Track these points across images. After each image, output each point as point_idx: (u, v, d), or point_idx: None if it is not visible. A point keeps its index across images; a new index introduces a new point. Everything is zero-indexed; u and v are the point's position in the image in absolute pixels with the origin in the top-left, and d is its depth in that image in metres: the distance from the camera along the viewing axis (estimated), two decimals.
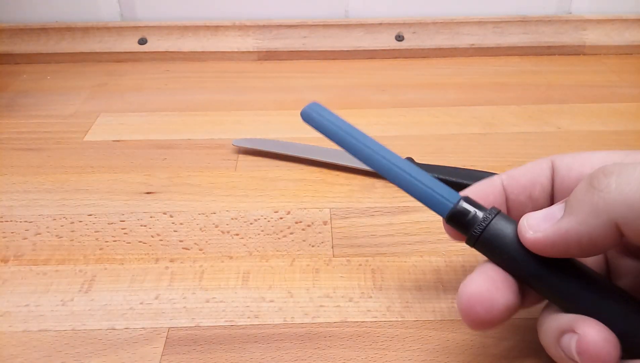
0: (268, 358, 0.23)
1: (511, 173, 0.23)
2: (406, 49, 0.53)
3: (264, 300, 0.26)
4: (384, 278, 0.28)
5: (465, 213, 0.21)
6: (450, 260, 0.29)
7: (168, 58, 0.52)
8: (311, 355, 0.24)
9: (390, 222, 0.31)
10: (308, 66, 0.52)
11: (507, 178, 0.23)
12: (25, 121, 0.43)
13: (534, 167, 0.23)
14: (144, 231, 0.31)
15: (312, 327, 0.25)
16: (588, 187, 0.18)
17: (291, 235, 0.31)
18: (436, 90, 0.47)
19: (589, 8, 0.54)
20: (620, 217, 0.17)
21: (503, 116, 0.42)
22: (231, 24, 0.53)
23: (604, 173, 0.18)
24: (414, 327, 0.25)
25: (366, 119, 0.42)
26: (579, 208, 0.18)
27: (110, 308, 0.26)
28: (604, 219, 0.17)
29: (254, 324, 0.25)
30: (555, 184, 0.22)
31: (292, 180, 0.35)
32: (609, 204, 0.17)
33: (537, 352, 0.24)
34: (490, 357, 0.23)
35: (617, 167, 0.18)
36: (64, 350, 0.24)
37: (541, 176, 0.22)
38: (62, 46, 0.52)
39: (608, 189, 0.17)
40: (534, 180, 0.23)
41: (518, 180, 0.23)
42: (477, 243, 0.20)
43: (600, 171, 0.18)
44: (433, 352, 0.24)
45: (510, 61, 0.52)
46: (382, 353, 0.24)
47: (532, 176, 0.23)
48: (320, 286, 0.27)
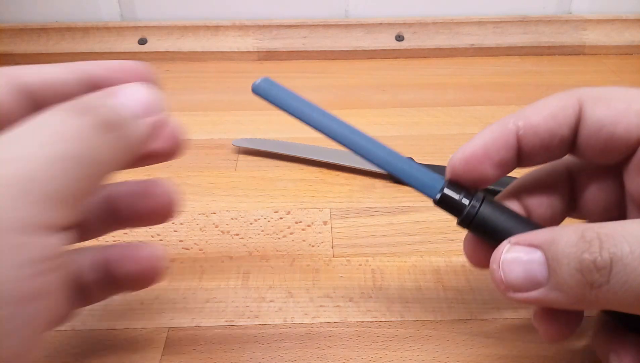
0: (268, 358, 0.23)
1: (529, 119, 0.20)
2: (406, 49, 0.53)
3: (264, 300, 0.26)
4: (384, 278, 0.28)
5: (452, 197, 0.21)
6: (450, 260, 0.29)
7: (168, 58, 0.52)
8: (311, 355, 0.24)
9: (390, 222, 0.31)
10: (308, 66, 0.52)
11: (524, 126, 0.20)
12: None
13: (557, 112, 0.20)
14: (144, 231, 0.31)
15: (312, 327, 0.25)
16: (581, 280, 0.16)
17: (291, 235, 0.31)
18: (436, 90, 0.47)
19: (589, 8, 0.54)
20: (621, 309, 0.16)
21: (503, 116, 0.42)
22: (231, 24, 0.53)
23: (597, 267, 0.16)
24: (414, 327, 0.25)
25: (366, 119, 0.42)
26: (570, 292, 0.17)
27: (110, 308, 0.26)
28: (600, 307, 0.17)
29: (254, 324, 0.25)
30: (579, 138, 0.20)
31: (292, 180, 0.35)
32: (610, 301, 0.16)
33: (537, 351, 0.24)
34: (490, 357, 0.23)
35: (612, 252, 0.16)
36: (64, 350, 0.24)
37: (563, 127, 0.19)
38: (62, 46, 0.52)
39: (607, 288, 0.16)
40: (554, 131, 0.20)
41: (536, 130, 0.20)
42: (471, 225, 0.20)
43: (591, 263, 0.16)
44: (433, 352, 0.24)
45: (510, 61, 0.52)
46: (382, 353, 0.24)
47: (554, 125, 0.20)
48: (320, 286, 0.27)
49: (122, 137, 0.18)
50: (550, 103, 0.20)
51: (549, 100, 0.20)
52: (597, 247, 0.16)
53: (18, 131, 0.16)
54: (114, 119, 0.17)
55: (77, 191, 0.16)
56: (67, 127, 0.16)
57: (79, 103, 0.17)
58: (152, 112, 0.19)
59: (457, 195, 0.21)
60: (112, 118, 0.17)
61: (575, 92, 0.20)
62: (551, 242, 0.17)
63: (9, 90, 0.19)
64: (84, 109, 0.17)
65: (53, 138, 0.15)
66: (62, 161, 0.15)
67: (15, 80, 0.19)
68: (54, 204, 0.15)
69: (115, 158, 0.17)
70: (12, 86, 0.19)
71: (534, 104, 0.20)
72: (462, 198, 0.20)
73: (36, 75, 0.19)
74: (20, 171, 0.14)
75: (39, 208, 0.14)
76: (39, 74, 0.19)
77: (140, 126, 0.18)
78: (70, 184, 0.16)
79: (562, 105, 0.20)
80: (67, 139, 0.16)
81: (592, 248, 0.16)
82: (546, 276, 0.17)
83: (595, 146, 0.19)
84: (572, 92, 0.20)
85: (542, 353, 0.24)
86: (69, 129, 0.16)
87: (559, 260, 0.17)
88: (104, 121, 0.17)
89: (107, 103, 0.18)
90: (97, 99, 0.18)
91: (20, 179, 0.14)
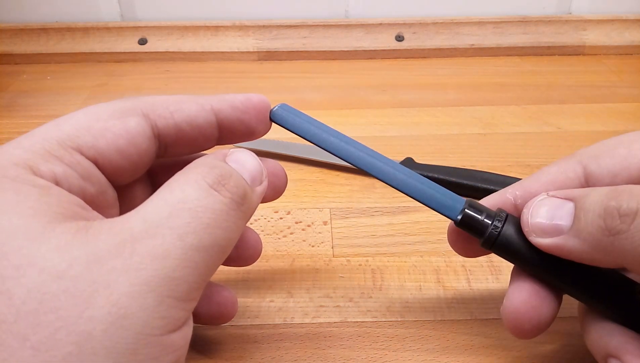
0: (268, 358, 0.23)
1: (527, 188, 0.20)
2: (406, 49, 0.53)
3: (264, 300, 0.26)
4: (384, 278, 0.28)
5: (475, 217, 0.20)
6: (450, 260, 0.29)
7: (168, 58, 0.52)
8: (311, 355, 0.24)
9: (390, 222, 0.31)
10: (308, 66, 0.52)
11: (522, 195, 0.20)
12: (25, 121, 0.43)
13: (556, 178, 0.20)
14: None
15: (312, 327, 0.25)
16: (601, 225, 0.16)
17: (291, 235, 0.31)
18: (436, 90, 0.47)
19: (589, 8, 0.54)
20: (633, 264, 0.16)
21: (503, 116, 0.42)
22: (231, 24, 0.53)
23: (620, 214, 0.16)
24: (414, 327, 0.25)
25: (366, 119, 0.42)
26: (587, 238, 0.17)
27: None
28: (614, 258, 0.16)
29: (254, 324, 0.25)
30: None
31: (292, 180, 0.35)
32: (625, 251, 0.16)
33: (538, 352, 0.24)
34: (490, 357, 0.23)
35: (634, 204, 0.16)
36: None
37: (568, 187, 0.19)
38: (62, 46, 0.52)
39: (626, 235, 0.16)
40: None
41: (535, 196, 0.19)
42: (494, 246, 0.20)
43: (615, 209, 0.16)
44: (433, 352, 0.24)
45: (510, 61, 0.52)
46: (382, 353, 0.24)
47: (557, 188, 0.19)
48: (320, 286, 0.27)
49: (248, 210, 0.18)
50: (549, 170, 0.20)
51: (549, 168, 0.20)
52: (626, 196, 0.16)
53: (152, 212, 0.15)
54: (244, 190, 0.17)
55: (208, 278, 0.16)
56: (205, 209, 0.16)
57: (209, 173, 0.17)
58: (257, 181, 0.19)
59: (479, 215, 0.20)
60: (243, 190, 0.17)
61: (573, 156, 0.20)
62: (585, 195, 0.17)
63: (143, 136, 0.18)
64: (218, 180, 0.17)
65: (192, 226, 0.15)
66: (200, 253, 0.15)
67: (150, 124, 0.18)
68: (188, 300, 0.15)
69: (241, 232, 0.17)
70: (148, 133, 0.18)
71: (534, 174, 0.20)
72: (484, 218, 0.20)
73: (169, 118, 0.19)
74: (161, 271, 0.15)
75: (176, 308, 0.15)
76: (172, 116, 0.19)
77: (256, 197, 0.18)
78: (204, 277, 0.16)
79: (562, 170, 0.20)
80: (203, 227, 0.15)
81: (620, 197, 0.16)
82: (570, 224, 0.17)
83: None
84: (570, 157, 0.20)
85: (542, 353, 0.24)
86: (207, 212, 0.16)
87: (585, 208, 0.17)
88: (239, 194, 0.17)
89: (234, 172, 0.17)
90: (222, 164, 0.17)
91: (162, 280, 0.14)
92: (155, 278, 0.14)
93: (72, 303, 0.14)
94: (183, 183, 0.16)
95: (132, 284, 0.14)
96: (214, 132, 0.20)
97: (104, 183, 0.18)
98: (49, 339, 0.13)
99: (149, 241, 0.15)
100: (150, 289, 0.14)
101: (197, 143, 0.20)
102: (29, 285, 0.14)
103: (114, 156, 0.18)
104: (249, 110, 0.20)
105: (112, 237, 0.15)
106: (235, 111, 0.20)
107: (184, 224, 0.15)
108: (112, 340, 0.14)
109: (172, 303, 0.15)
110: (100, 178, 0.18)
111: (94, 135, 0.17)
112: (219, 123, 0.20)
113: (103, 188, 0.18)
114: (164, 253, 0.15)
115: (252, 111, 0.20)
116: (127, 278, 0.14)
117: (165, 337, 0.15)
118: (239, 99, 0.20)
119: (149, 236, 0.15)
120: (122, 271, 0.14)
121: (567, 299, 0.26)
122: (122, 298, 0.14)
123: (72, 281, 0.14)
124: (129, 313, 0.14)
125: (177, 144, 0.20)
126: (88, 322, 0.13)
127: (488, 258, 0.28)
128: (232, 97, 0.20)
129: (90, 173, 0.17)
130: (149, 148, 0.19)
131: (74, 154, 0.17)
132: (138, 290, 0.14)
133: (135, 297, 0.14)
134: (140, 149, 0.18)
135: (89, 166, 0.17)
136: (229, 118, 0.20)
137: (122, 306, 0.14)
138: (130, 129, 0.18)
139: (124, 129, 0.18)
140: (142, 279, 0.14)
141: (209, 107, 0.20)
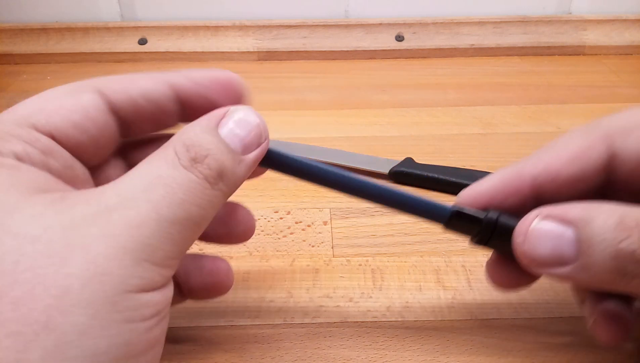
0: (268, 358, 0.23)
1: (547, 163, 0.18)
2: (406, 49, 0.53)
3: (264, 300, 0.26)
4: (384, 278, 0.28)
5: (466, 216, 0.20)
6: (450, 260, 0.29)
7: (168, 58, 0.52)
8: (311, 355, 0.24)
9: (390, 222, 0.31)
10: (308, 66, 0.52)
11: (541, 175, 0.18)
12: None
13: (579, 155, 0.18)
14: None
15: (312, 327, 0.25)
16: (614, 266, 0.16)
17: (291, 235, 0.31)
18: (436, 90, 0.47)
19: (589, 8, 0.54)
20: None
21: (503, 116, 0.42)
22: (231, 24, 0.53)
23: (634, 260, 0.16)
24: (414, 327, 0.25)
25: (366, 119, 0.42)
26: (598, 276, 0.16)
27: None
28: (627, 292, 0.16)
29: (254, 324, 0.25)
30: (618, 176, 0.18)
31: (292, 180, 0.35)
32: None
33: (538, 352, 0.24)
34: (490, 357, 0.23)
35: None
36: None
37: (590, 168, 0.18)
38: (62, 46, 0.52)
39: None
40: (577, 177, 0.18)
41: (555, 178, 0.18)
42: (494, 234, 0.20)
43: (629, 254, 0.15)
44: (433, 352, 0.24)
45: (510, 61, 0.52)
46: (382, 353, 0.24)
47: (576, 170, 0.18)
48: (320, 286, 0.27)
49: (228, 185, 0.18)
50: (570, 142, 0.18)
51: (571, 139, 0.18)
52: (637, 238, 0.15)
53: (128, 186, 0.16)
54: (221, 169, 0.17)
55: (184, 249, 0.17)
56: (180, 185, 0.16)
57: (183, 153, 0.17)
58: (254, 145, 0.19)
59: (471, 211, 0.20)
60: (219, 168, 0.17)
61: (599, 127, 0.18)
62: (586, 222, 0.16)
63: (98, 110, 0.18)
64: (190, 161, 0.17)
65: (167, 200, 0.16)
66: (175, 225, 0.16)
67: (104, 99, 0.18)
68: (164, 266, 0.16)
69: (218, 208, 0.18)
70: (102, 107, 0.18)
71: (554, 145, 0.19)
72: (476, 213, 0.20)
73: (122, 93, 0.19)
74: (137, 237, 0.15)
75: (152, 271, 0.15)
76: (126, 91, 0.19)
77: (243, 167, 0.18)
78: (180, 247, 0.16)
79: (586, 146, 0.18)
80: (178, 202, 0.16)
81: (631, 239, 0.15)
82: (575, 255, 0.16)
83: None
84: (594, 128, 0.18)
85: (542, 353, 0.23)
86: (182, 188, 0.16)
87: (592, 243, 0.16)
88: (212, 175, 0.17)
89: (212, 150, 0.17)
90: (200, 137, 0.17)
91: (138, 246, 0.15)
92: (132, 243, 0.15)
93: (48, 263, 0.14)
94: (157, 160, 0.17)
95: (108, 246, 0.15)
96: (173, 107, 0.20)
97: (69, 158, 0.18)
98: (26, 294, 0.14)
99: (125, 211, 0.15)
100: (126, 252, 0.15)
101: (158, 119, 0.20)
102: (4, 248, 0.14)
103: (70, 130, 0.18)
104: (212, 85, 0.20)
105: (87, 207, 0.15)
106: (195, 86, 0.20)
107: (159, 197, 0.16)
108: (92, 293, 0.14)
109: (148, 266, 0.15)
110: (63, 153, 0.18)
111: (48, 113, 0.17)
112: (178, 98, 0.20)
113: (69, 163, 0.18)
114: (140, 223, 0.15)
115: (215, 86, 0.20)
116: (104, 242, 0.15)
117: (144, 294, 0.15)
118: (199, 74, 0.20)
119: (124, 208, 0.15)
120: (99, 236, 0.15)
121: (566, 299, 0.26)
122: (99, 258, 0.14)
123: (47, 244, 0.14)
124: (107, 271, 0.14)
125: (137, 120, 0.19)
126: (66, 278, 0.14)
127: None
128: (192, 71, 0.20)
129: (52, 149, 0.17)
130: (107, 122, 0.18)
131: (31, 132, 0.17)
132: (115, 252, 0.15)
133: (112, 258, 0.14)
134: (97, 123, 0.18)
135: (48, 142, 0.17)
136: (188, 92, 0.20)
137: (99, 264, 0.14)
138: (84, 103, 0.18)
139: (78, 105, 0.18)
140: (119, 243, 0.15)
141: (164, 81, 0.19)
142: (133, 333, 0.15)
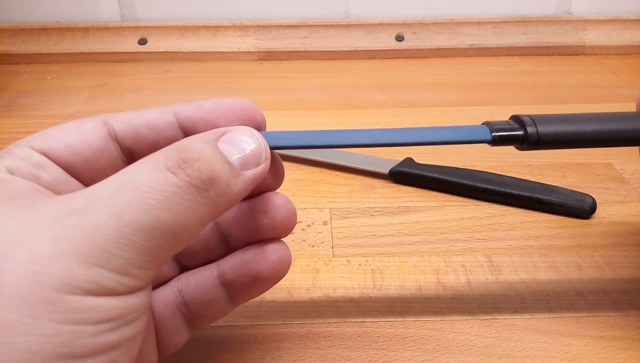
0: (268, 358, 0.23)
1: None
2: (406, 49, 0.53)
3: (264, 300, 0.26)
4: (384, 278, 0.28)
5: None
6: (450, 260, 0.29)
7: (168, 58, 0.52)
8: (311, 355, 0.24)
9: (390, 222, 0.31)
10: (308, 66, 0.52)
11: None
12: (25, 121, 0.43)
13: None
14: None
15: (312, 327, 0.25)
16: None
17: (291, 235, 0.31)
18: (436, 90, 0.47)
19: (589, 8, 0.54)
20: None
21: (503, 116, 0.42)
22: (231, 24, 0.53)
23: None
24: (414, 327, 0.25)
25: (366, 119, 0.42)
26: None
27: None
28: None
29: (254, 324, 0.25)
30: None
31: (292, 180, 0.35)
32: None
33: (537, 352, 0.24)
34: (490, 357, 0.23)
35: None
36: None
37: None
38: (62, 46, 0.52)
39: None
40: None
41: None
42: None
43: None
44: (433, 352, 0.24)
45: (510, 61, 0.52)
46: (382, 353, 0.24)
47: None
48: (320, 286, 0.27)
49: (221, 196, 0.17)
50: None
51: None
52: None
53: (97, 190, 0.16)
54: (212, 175, 0.16)
55: (157, 259, 0.16)
56: (153, 190, 0.15)
57: (172, 155, 0.16)
58: (253, 164, 0.18)
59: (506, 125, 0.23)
60: (210, 174, 0.16)
61: None
62: None
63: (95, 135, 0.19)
64: (178, 163, 0.16)
65: (132, 206, 0.15)
66: (138, 232, 0.15)
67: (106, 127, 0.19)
68: (125, 275, 0.15)
69: (206, 220, 0.17)
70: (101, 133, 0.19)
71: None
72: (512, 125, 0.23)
73: (125, 122, 0.19)
74: (90, 242, 0.15)
75: (107, 277, 0.15)
76: (129, 120, 0.19)
77: (240, 182, 0.18)
78: (149, 257, 0.16)
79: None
80: (145, 208, 0.15)
81: None
82: None
83: None
84: None
85: (541, 353, 0.24)
86: (154, 193, 0.15)
87: None
88: (201, 179, 0.16)
89: (205, 155, 0.17)
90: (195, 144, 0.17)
91: (90, 250, 0.15)
92: (83, 247, 0.15)
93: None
94: (140, 164, 0.16)
95: (55, 248, 0.14)
96: (175, 134, 0.19)
97: (62, 173, 0.18)
98: None
99: (84, 216, 0.15)
100: (74, 254, 0.14)
101: (160, 146, 0.19)
102: None
103: (63, 151, 0.18)
104: (217, 109, 0.19)
105: (51, 212, 0.15)
106: (198, 111, 0.19)
107: (123, 203, 0.15)
108: (26, 291, 0.14)
109: (101, 272, 0.15)
110: (56, 168, 0.18)
111: (47, 135, 0.18)
112: (181, 125, 0.19)
113: (62, 177, 0.18)
114: (96, 227, 0.15)
115: (220, 111, 0.19)
116: (53, 244, 0.14)
117: (93, 298, 0.15)
118: (209, 102, 0.20)
119: (85, 212, 0.15)
120: (49, 238, 0.15)
121: (565, 299, 0.26)
122: (42, 258, 0.14)
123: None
124: (48, 271, 0.14)
125: (140, 148, 0.19)
126: (2, 274, 0.14)
127: (488, 258, 0.29)
128: (201, 101, 0.20)
129: (44, 163, 0.18)
130: (103, 146, 0.19)
131: (25, 150, 0.18)
132: (61, 254, 0.14)
133: (57, 259, 0.14)
134: (92, 146, 0.19)
135: (41, 158, 0.18)
136: (191, 118, 0.19)
137: (40, 264, 0.14)
138: (83, 129, 0.19)
139: (77, 130, 0.19)
140: (69, 247, 0.15)
141: (169, 110, 0.19)
142: (76, 335, 0.14)
